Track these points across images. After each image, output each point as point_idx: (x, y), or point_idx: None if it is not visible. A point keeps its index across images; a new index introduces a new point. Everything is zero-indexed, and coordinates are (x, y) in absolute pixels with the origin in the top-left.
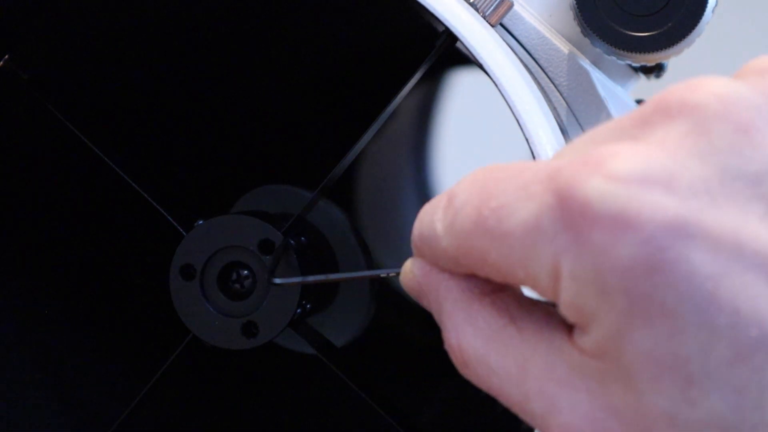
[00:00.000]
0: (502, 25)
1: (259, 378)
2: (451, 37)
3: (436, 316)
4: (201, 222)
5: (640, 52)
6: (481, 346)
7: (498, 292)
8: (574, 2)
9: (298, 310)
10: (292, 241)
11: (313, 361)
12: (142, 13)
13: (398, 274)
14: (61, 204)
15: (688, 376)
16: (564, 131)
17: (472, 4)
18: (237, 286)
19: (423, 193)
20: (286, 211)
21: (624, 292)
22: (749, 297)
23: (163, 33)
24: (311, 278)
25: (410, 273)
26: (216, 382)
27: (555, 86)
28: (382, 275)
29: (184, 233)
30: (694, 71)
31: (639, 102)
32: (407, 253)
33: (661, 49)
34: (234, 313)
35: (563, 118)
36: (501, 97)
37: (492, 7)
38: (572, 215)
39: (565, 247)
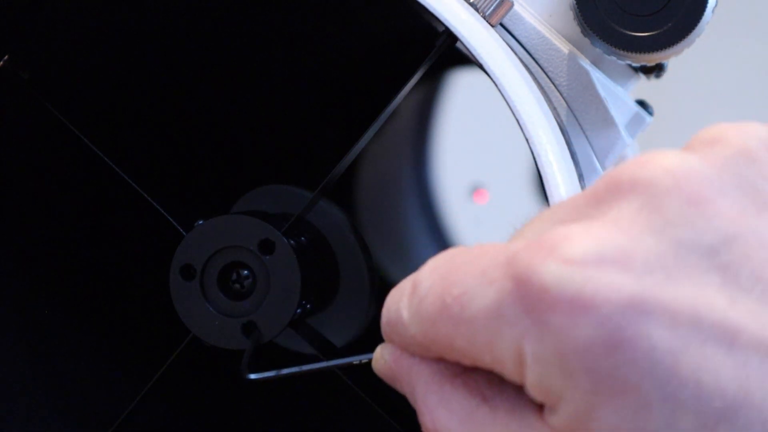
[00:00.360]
0: (502, 25)
1: (259, 378)
2: (451, 37)
3: (411, 400)
4: (201, 222)
5: (640, 52)
6: (456, 427)
7: (469, 372)
8: (574, 2)
9: (298, 310)
10: (292, 241)
11: (313, 362)
12: (142, 13)
13: (371, 360)
14: (61, 204)
15: None
16: (564, 131)
17: (472, 4)
18: (237, 286)
19: (423, 193)
20: (286, 211)
21: (587, 372)
22: (710, 369)
23: (164, 33)
24: (285, 371)
25: (381, 359)
26: (216, 382)
27: (555, 86)
28: (354, 363)
29: (184, 233)
30: (694, 71)
31: (639, 102)
32: (407, 253)
33: (661, 49)
34: (234, 313)
35: (563, 118)
36: (501, 97)
37: (492, 7)
38: (531, 300)
39: (526, 331)
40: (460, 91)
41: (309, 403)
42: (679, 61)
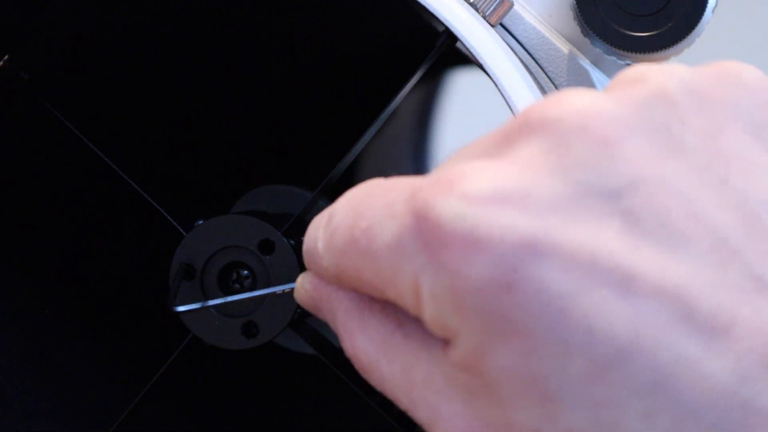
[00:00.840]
0: (502, 25)
1: (259, 378)
2: (451, 37)
3: (332, 326)
4: (201, 222)
5: (640, 52)
6: (373, 352)
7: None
8: (574, 2)
9: (298, 310)
10: (292, 241)
11: (313, 361)
12: (142, 13)
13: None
14: (61, 204)
15: (547, 393)
16: None
17: (472, 4)
18: (237, 286)
19: None
20: (286, 211)
21: (479, 312)
22: (602, 314)
23: (164, 33)
24: (211, 302)
25: (302, 288)
26: (216, 382)
27: (555, 86)
28: (278, 292)
29: (184, 233)
30: None
31: None
32: None
33: (661, 49)
34: (234, 313)
35: None
36: (501, 97)
37: (492, 7)
38: (427, 236)
39: (423, 266)
40: (460, 91)
41: (309, 402)
42: (679, 61)
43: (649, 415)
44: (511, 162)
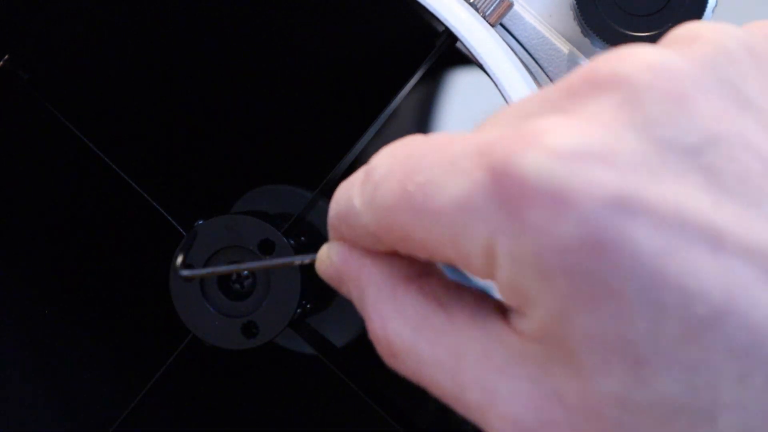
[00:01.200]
0: (502, 25)
1: (259, 378)
2: (451, 37)
3: (358, 305)
4: (201, 222)
5: None
6: (410, 335)
7: (424, 276)
8: (574, 2)
9: (298, 310)
10: (292, 241)
11: (313, 361)
12: (142, 13)
13: (314, 260)
14: (61, 204)
15: (638, 357)
16: None
17: (472, 4)
18: (237, 286)
19: None
20: (286, 211)
21: (565, 273)
22: (695, 273)
23: (164, 33)
24: (220, 268)
25: (327, 259)
26: (216, 382)
27: None
28: (296, 262)
29: (184, 233)
30: None
31: None
32: None
33: None
34: (234, 313)
35: None
36: (501, 97)
37: (492, 7)
38: (508, 193)
39: (500, 226)
40: (460, 91)
41: (309, 402)
42: None
43: (745, 376)
44: (588, 117)
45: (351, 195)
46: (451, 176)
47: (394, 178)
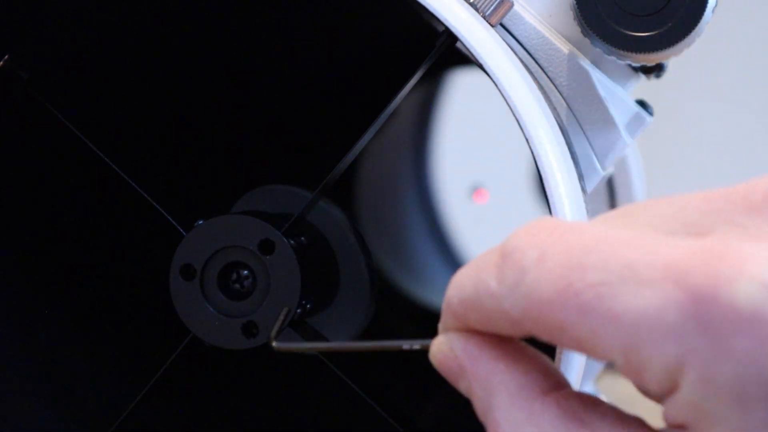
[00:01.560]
0: (502, 25)
1: (259, 378)
2: (451, 37)
3: (480, 406)
4: (201, 222)
5: (640, 52)
6: None
7: (559, 388)
8: (574, 2)
9: (298, 310)
10: (292, 241)
11: (313, 361)
12: (142, 12)
13: (426, 347)
14: (61, 204)
15: None
16: (564, 131)
17: (472, 4)
18: (237, 286)
19: (423, 193)
20: (286, 211)
21: (766, 402)
22: None
23: (164, 33)
24: (319, 345)
25: (449, 352)
26: (216, 382)
27: (555, 86)
28: (404, 347)
29: (184, 233)
30: (694, 71)
31: (639, 102)
32: (407, 253)
33: (661, 49)
34: (234, 313)
35: (563, 118)
36: (501, 97)
37: (492, 7)
38: (712, 318)
39: (697, 348)
40: (460, 91)
41: (309, 402)
42: (679, 61)
43: None
44: None
45: (483, 278)
46: (634, 286)
47: (553, 269)
